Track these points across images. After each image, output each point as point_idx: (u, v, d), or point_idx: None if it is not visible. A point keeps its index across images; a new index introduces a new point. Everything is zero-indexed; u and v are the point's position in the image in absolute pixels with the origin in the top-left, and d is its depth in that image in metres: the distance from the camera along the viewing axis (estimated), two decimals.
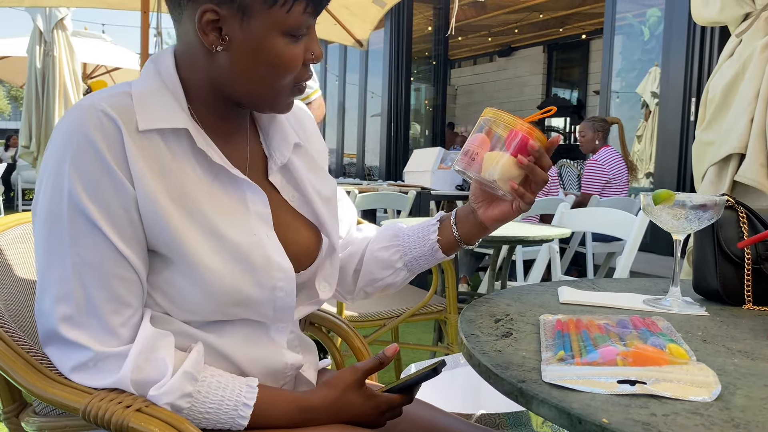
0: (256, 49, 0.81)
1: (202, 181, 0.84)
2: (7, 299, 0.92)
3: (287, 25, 0.81)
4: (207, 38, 0.81)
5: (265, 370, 0.90)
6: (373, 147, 11.05)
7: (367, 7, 4.14)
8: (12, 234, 1.02)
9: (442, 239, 1.03)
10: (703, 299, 1.06)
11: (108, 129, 0.77)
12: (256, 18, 0.80)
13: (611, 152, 4.41)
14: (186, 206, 0.81)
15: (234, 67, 0.83)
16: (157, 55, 0.88)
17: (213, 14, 0.79)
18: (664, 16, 5.45)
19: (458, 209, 1.04)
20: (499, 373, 0.67)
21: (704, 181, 1.69)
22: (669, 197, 0.93)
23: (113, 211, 0.77)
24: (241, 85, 0.84)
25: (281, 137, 0.95)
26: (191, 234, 0.81)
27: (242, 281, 0.83)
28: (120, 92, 0.82)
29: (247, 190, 0.87)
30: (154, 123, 0.81)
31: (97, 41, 7.83)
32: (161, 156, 0.81)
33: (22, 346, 0.82)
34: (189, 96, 0.86)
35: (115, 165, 0.77)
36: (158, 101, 0.83)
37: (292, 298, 0.89)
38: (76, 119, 0.78)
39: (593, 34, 12.02)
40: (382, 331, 2.10)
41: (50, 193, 0.78)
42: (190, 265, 0.80)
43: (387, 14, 4.31)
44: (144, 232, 0.80)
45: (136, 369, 0.77)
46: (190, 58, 0.85)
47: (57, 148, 0.78)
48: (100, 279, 0.78)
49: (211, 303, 0.82)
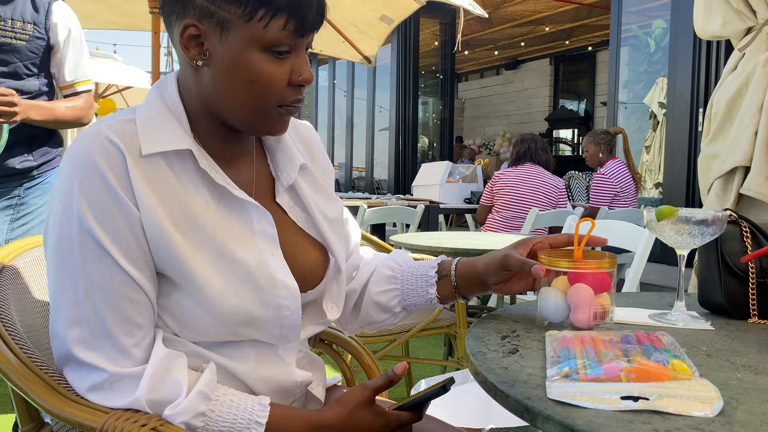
0: (234, 64, 0.82)
1: (207, 203, 0.85)
2: (25, 320, 0.94)
3: (265, 41, 0.81)
4: (188, 53, 0.83)
5: (275, 388, 0.91)
6: (381, 161, 11.10)
7: (375, 24, 4.19)
8: (29, 256, 1.04)
9: (440, 295, 1.04)
10: (708, 313, 1.07)
11: (112, 155, 0.79)
12: (234, 33, 0.81)
13: (618, 165, 4.41)
14: (191, 229, 0.83)
15: (216, 83, 0.84)
16: (161, 81, 0.90)
17: (194, 29, 0.82)
18: (669, 28, 5.47)
19: (460, 265, 1.03)
20: (505, 390, 0.68)
21: (710, 193, 1.70)
22: (672, 213, 0.94)
23: (121, 235, 0.80)
24: (225, 103, 0.85)
25: (287, 159, 0.96)
26: (196, 257, 0.83)
27: (248, 301, 0.85)
28: (124, 119, 0.84)
29: (251, 211, 0.88)
30: (156, 147, 0.82)
31: (108, 61, 7.94)
32: (166, 180, 0.83)
33: (40, 367, 0.85)
34: (191, 120, 0.88)
35: (120, 190, 0.79)
36: (161, 125, 0.84)
37: (298, 316, 0.90)
38: (82, 147, 0.80)
39: (599, 45, 12.06)
40: (392, 347, 2.12)
41: (60, 218, 0.80)
42: (197, 288, 0.82)
43: (394, 30, 4.35)
44: (151, 255, 0.82)
45: (151, 389, 0.79)
46: (184, 79, 0.88)
47: (66, 175, 0.80)
48: (111, 302, 0.80)
49: (218, 324, 0.84)
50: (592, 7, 9.55)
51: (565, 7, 9.70)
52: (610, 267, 0.91)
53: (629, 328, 0.94)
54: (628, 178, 4.38)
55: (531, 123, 13.66)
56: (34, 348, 0.88)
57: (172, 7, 0.83)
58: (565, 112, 13.38)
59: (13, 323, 0.89)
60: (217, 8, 0.80)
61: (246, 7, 0.80)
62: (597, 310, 0.89)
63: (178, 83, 0.89)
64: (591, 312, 0.89)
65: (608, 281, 0.90)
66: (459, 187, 5.76)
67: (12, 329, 0.88)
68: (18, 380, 0.83)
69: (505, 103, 14.51)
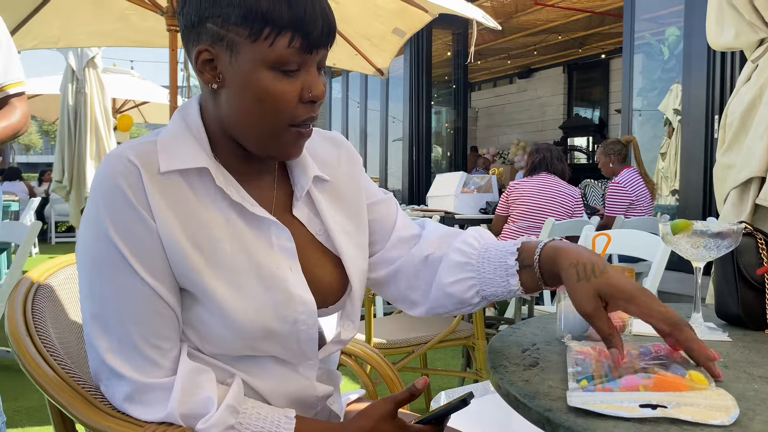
0: (244, 84, 0.85)
1: (225, 220, 0.88)
2: (61, 336, 0.98)
3: (272, 59, 0.83)
4: (203, 77, 0.87)
5: (296, 402, 0.94)
6: (395, 171, 11.12)
7: (387, 37, 4.23)
8: (63, 275, 1.08)
9: (524, 286, 0.95)
10: (726, 324, 1.08)
11: (131, 172, 0.83)
12: (243, 54, 0.84)
13: (632, 173, 4.40)
14: (210, 246, 0.86)
15: (230, 105, 0.87)
16: (185, 105, 0.94)
17: (207, 54, 0.85)
18: (683, 35, 5.46)
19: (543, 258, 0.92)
20: (526, 402, 0.71)
21: (726, 204, 1.71)
22: (687, 227, 0.96)
23: (143, 251, 0.83)
24: (238, 124, 0.88)
25: (301, 170, 0.98)
26: (214, 273, 0.86)
27: (265, 316, 0.87)
28: (146, 141, 0.88)
29: (270, 227, 0.91)
30: (173, 164, 0.86)
31: (126, 77, 8.08)
32: (185, 197, 0.86)
33: (77, 381, 0.88)
34: (212, 140, 0.91)
35: (139, 205, 0.83)
36: (181, 145, 0.88)
37: (315, 331, 0.92)
38: (107, 169, 0.84)
39: (613, 53, 12.03)
40: (411, 358, 2.13)
41: (89, 237, 0.84)
42: (215, 303, 0.85)
43: (406, 41, 4.39)
44: (172, 270, 0.85)
45: (183, 403, 0.82)
46: (205, 103, 0.91)
47: (93, 196, 0.85)
48: (137, 315, 0.83)
49: (237, 338, 0.87)
50: (605, 15, 9.54)
51: (577, 15, 9.70)
52: None
53: (647, 339, 0.96)
54: (642, 186, 4.37)
55: (545, 131, 13.63)
56: (71, 363, 0.92)
57: (189, 36, 0.87)
58: (580, 119, 13.34)
59: (50, 339, 0.93)
60: (226, 32, 0.84)
61: (252, 28, 0.82)
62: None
63: (200, 106, 0.92)
64: None
65: None
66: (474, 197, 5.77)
67: (50, 345, 0.92)
68: (56, 394, 0.86)
69: (519, 112, 14.49)
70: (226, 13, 0.83)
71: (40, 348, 0.90)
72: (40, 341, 0.91)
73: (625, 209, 4.32)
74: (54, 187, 6.06)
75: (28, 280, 1.01)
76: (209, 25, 0.84)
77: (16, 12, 3.81)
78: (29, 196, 9.54)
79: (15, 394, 3.00)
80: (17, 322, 0.93)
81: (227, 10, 0.82)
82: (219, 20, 0.83)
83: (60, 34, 4.23)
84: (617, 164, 4.48)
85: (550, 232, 3.66)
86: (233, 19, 0.82)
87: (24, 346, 0.90)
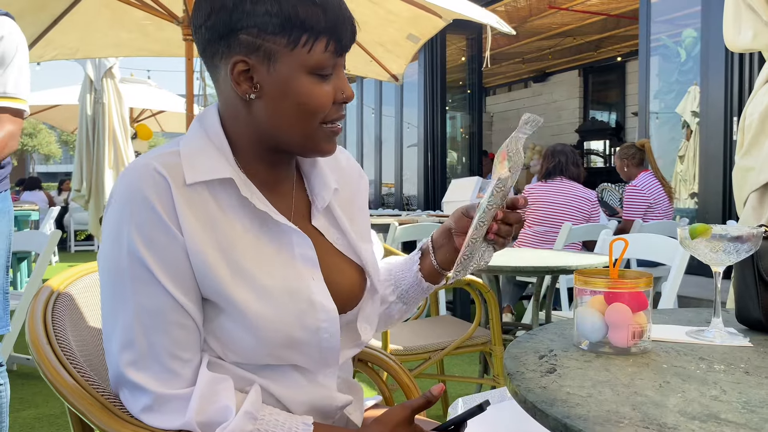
0: (285, 91, 0.86)
1: (248, 229, 0.89)
2: (81, 344, 0.99)
3: (311, 65, 0.86)
4: (240, 88, 0.87)
5: (315, 411, 0.94)
6: (410, 176, 11.12)
7: (402, 43, 4.24)
8: (82, 283, 1.10)
9: (423, 268, 1.09)
10: (746, 329, 1.07)
11: (159, 184, 0.83)
12: (281, 61, 0.85)
13: (649, 177, 4.38)
14: (234, 256, 0.87)
15: (269, 113, 0.88)
16: (203, 114, 0.95)
17: (243, 65, 0.86)
18: (700, 37, 5.41)
19: (433, 237, 1.09)
20: (544, 409, 0.70)
21: (746, 207, 1.69)
22: (705, 231, 0.95)
23: (169, 262, 0.83)
24: (278, 130, 0.89)
25: (321, 182, 0.99)
26: (239, 282, 0.86)
27: (288, 325, 0.87)
28: (170, 152, 0.88)
29: (292, 236, 0.92)
30: (199, 176, 0.86)
31: (143, 86, 8.19)
32: (209, 208, 0.87)
33: (96, 389, 0.89)
34: (235, 149, 0.91)
35: (167, 217, 0.83)
36: (204, 156, 0.89)
37: (337, 339, 0.93)
38: (133, 179, 0.84)
39: (629, 56, 11.94)
40: (428, 365, 2.13)
41: (112, 247, 0.84)
42: (240, 312, 0.85)
43: (421, 47, 4.39)
44: (196, 281, 0.86)
45: (201, 411, 0.83)
46: (232, 113, 0.91)
47: (118, 206, 0.85)
48: (160, 326, 0.84)
49: (261, 347, 0.87)
50: (620, 17, 9.49)
51: (592, 18, 9.66)
52: (646, 286, 0.92)
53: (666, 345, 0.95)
54: (660, 189, 4.34)
55: (561, 135, 13.56)
56: (90, 371, 0.93)
57: (216, 48, 0.87)
58: (596, 123, 13.25)
59: (70, 347, 0.94)
60: (263, 41, 0.85)
61: (290, 36, 0.84)
62: (635, 330, 0.90)
63: (221, 115, 0.93)
64: (629, 331, 0.90)
65: (645, 300, 0.91)
66: None
67: (69, 353, 0.93)
68: (75, 401, 0.87)
69: None
70: (262, 23, 0.84)
71: (59, 356, 0.91)
72: (59, 349, 0.92)
73: (644, 212, 4.29)
74: (73, 196, 6.14)
75: (48, 288, 1.02)
76: (243, 36, 0.85)
77: (36, 24, 3.88)
78: (49, 206, 9.67)
79: (36, 402, 3.03)
80: (38, 330, 0.94)
81: (264, 20, 0.84)
82: (254, 30, 0.84)
83: (78, 45, 4.29)
84: (632, 168, 4.48)
85: (568, 236, 3.64)
86: (270, 29, 0.84)
87: (44, 353, 0.91)
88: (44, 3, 3.72)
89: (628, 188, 4.41)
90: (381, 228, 4.33)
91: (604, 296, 0.92)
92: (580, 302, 0.94)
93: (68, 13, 3.89)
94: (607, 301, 0.92)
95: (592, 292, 0.93)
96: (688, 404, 0.70)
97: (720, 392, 0.75)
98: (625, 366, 0.85)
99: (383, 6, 3.81)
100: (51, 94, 7.99)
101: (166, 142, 0.96)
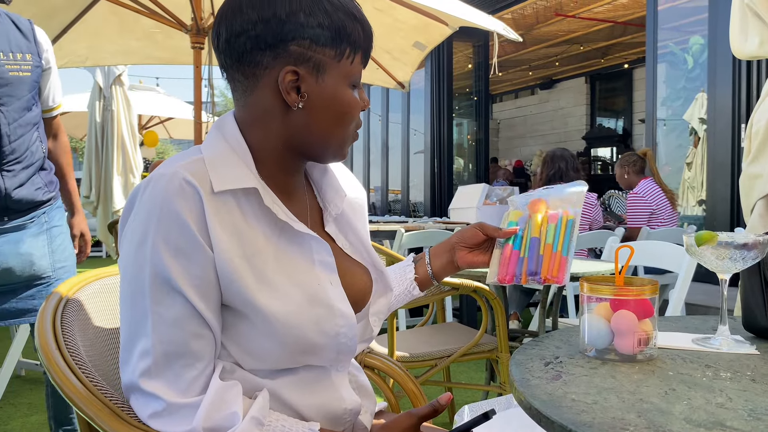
0: (330, 101, 0.90)
1: (270, 238, 0.90)
2: (89, 350, 1.00)
3: (351, 76, 0.92)
4: (289, 97, 0.89)
5: (326, 415, 0.94)
6: (417, 183, 11.13)
7: (408, 50, 4.26)
8: (90, 289, 1.10)
9: (418, 276, 1.18)
10: (753, 337, 1.07)
11: (189, 194, 0.83)
12: (329, 73, 0.89)
13: (650, 183, 4.37)
14: (258, 263, 0.87)
15: (311, 121, 0.90)
16: (220, 122, 0.95)
17: (293, 74, 0.88)
18: (707, 44, 5.41)
19: (431, 248, 1.18)
20: (549, 415, 0.70)
21: (753, 214, 1.68)
22: (711, 238, 0.95)
23: (193, 273, 0.84)
24: (315, 137, 0.92)
25: (334, 190, 1.02)
26: (262, 289, 0.87)
27: (309, 330, 0.88)
28: (195, 159, 0.88)
29: (311, 243, 0.93)
30: (226, 184, 0.86)
31: (151, 93, 8.23)
32: (235, 217, 0.87)
33: (104, 394, 0.90)
34: (256, 157, 0.92)
35: (197, 230, 0.83)
36: (227, 164, 0.89)
37: (354, 342, 0.94)
38: (160, 189, 0.83)
39: (636, 63, 11.95)
40: (434, 372, 2.13)
41: (135, 255, 0.84)
42: (263, 319, 0.86)
43: (427, 54, 4.41)
44: (220, 290, 0.86)
45: (208, 418, 0.83)
46: (261, 121, 0.92)
47: (143, 215, 0.84)
48: (177, 336, 0.84)
49: (282, 352, 0.88)
50: (627, 24, 9.49)
51: (599, 25, 9.67)
52: (652, 293, 0.92)
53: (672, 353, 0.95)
54: (662, 195, 4.33)
55: (568, 142, 13.55)
56: (99, 376, 0.94)
57: (259, 57, 0.88)
58: (603, 130, 13.24)
59: (78, 353, 0.95)
60: (314, 53, 0.88)
61: (338, 48, 0.89)
62: (641, 337, 0.90)
63: (239, 123, 0.93)
64: (635, 338, 0.90)
65: (651, 307, 0.91)
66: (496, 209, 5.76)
67: (78, 358, 0.94)
68: (84, 406, 0.88)
69: (541, 123, 14.43)
70: (315, 35, 0.87)
71: (68, 361, 0.92)
72: (69, 354, 0.93)
73: (647, 219, 4.29)
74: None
75: (57, 294, 1.03)
76: (293, 47, 0.87)
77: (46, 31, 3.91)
78: None
79: (44, 407, 3.04)
80: (47, 336, 0.95)
81: (316, 32, 0.87)
82: (306, 42, 0.87)
83: (88, 53, 4.33)
84: (633, 176, 4.48)
85: None
86: (322, 41, 0.88)
87: (53, 359, 0.92)
88: (54, 11, 3.75)
89: (630, 196, 4.41)
90: (387, 234, 4.33)
91: (609, 303, 0.92)
92: (586, 309, 0.94)
93: (78, 21, 3.93)
94: (612, 308, 0.92)
95: (598, 299, 0.93)
96: (694, 411, 0.70)
97: (726, 400, 0.74)
98: (631, 373, 0.85)
99: (390, 14, 3.82)
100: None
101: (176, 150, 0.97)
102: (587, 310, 0.94)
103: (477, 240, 1.14)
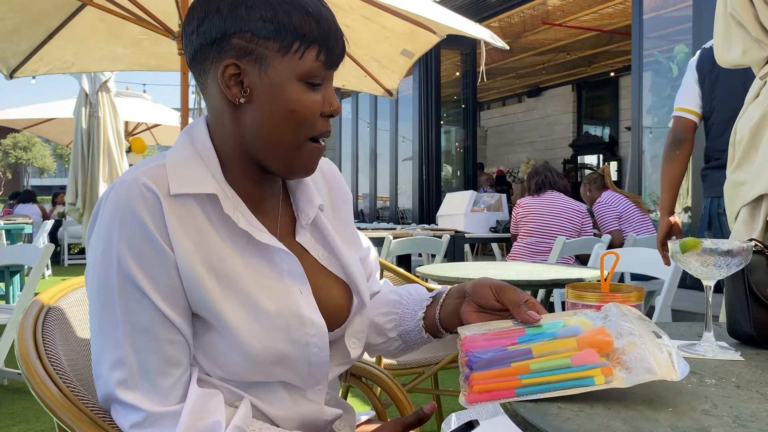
0: (275, 95, 0.86)
1: (236, 245, 0.88)
2: (71, 358, 0.98)
3: (301, 72, 0.86)
4: (230, 91, 0.87)
5: (305, 427, 0.93)
6: (405, 190, 11.15)
7: (396, 58, 4.27)
8: (72, 297, 1.09)
9: (427, 317, 1.03)
10: (738, 343, 1.07)
11: (149, 199, 0.82)
12: (273, 66, 0.86)
13: (610, 193, 4.70)
14: (222, 271, 0.86)
15: (256, 119, 0.87)
16: (191, 126, 0.94)
17: (234, 68, 0.86)
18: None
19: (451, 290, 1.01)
20: (535, 423, 0.70)
21: (737, 221, 1.70)
22: (696, 245, 0.95)
23: (158, 278, 0.83)
24: (263, 140, 0.88)
25: (306, 199, 0.98)
26: (227, 298, 0.85)
27: (277, 340, 0.87)
28: (155, 164, 0.87)
29: (279, 253, 0.91)
30: (183, 188, 0.85)
31: (138, 100, 8.19)
32: (199, 222, 0.86)
33: (85, 403, 0.88)
34: (223, 163, 0.91)
35: (157, 233, 0.82)
36: (189, 169, 0.88)
37: (326, 353, 0.92)
38: (121, 194, 0.83)
39: (622, 71, 12.05)
40: (422, 379, 2.12)
41: (101, 263, 0.83)
42: (228, 329, 0.85)
43: (415, 62, 4.42)
44: (186, 296, 0.85)
45: (190, 427, 0.81)
46: (219, 122, 0.90)
47: (106, 222, 0.83)
48: (150, 343, 0.83)
49: (250, 364, 0.86)
50: (613, 33, 9.58)
51: (585, 34, 9.75)
52: (637, 300, 0.92)
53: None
54: (625, 200, 4.59)
55: (555, 149, 13.64)
56: (80, 385, 0.92)
57: (207, 52, 0.87)
58: (590, 137, 13.34)
59: (59, 361, 0.94)
60: (255, 45, 0.85)
61: (282, 42, 0.85)
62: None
63: (209, 127, 0.92)
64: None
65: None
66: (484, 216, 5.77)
67: (59, 367, 0.92)
68: (64, 416, 0.86)
69: (528, 131, 14.52)
70: (256, 28, 0.85)
71: (49, 370, 0.91)
72: (49, 363, 0.92)
73: (618, 223, 4.52)
74: (67, 210, 6.11)
75: (38, 302, 1.02)
76: (235, 41, 0.85)
77: (31, 38, 3.89)
78: (42, 219, 9.63)
79: (27, 417, 3.00)
80: (27, 345, 0.93)
81: (257, 25, 0.85)
82: (247, 35, 0.85)
83: (74, 59, 4.30)
84: (594, 191, 4.85)
85: (561, 250, 3.65)
86: (264, 34, 0.85)
87: (34, 368, 0.90)
88: (39, 18, 3.73)
89: (595, 207, 4.70)
90: (376, 242, 4.32)
91: (595, 310, 0.92)
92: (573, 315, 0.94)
93: (64, 27, 3.91)
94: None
95: (584, 305, 0.93)
96: (679, 418, 0.70)
97: (711, 406, 0.74)
98: None
99: (378, 22, 3.83)
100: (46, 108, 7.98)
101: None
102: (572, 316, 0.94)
103: (488, 303, 0.93)
